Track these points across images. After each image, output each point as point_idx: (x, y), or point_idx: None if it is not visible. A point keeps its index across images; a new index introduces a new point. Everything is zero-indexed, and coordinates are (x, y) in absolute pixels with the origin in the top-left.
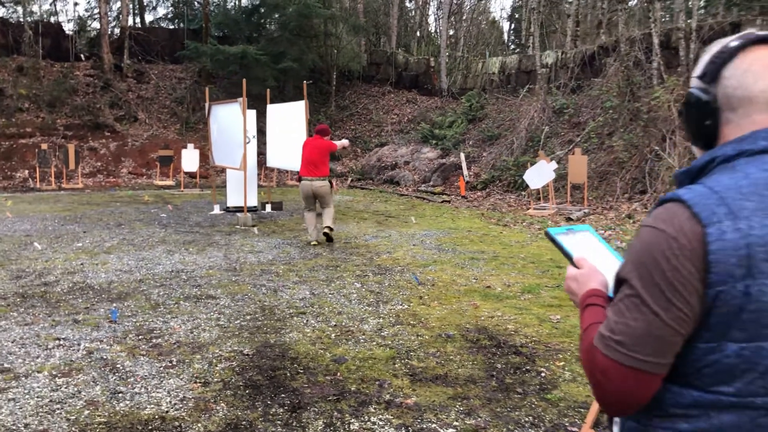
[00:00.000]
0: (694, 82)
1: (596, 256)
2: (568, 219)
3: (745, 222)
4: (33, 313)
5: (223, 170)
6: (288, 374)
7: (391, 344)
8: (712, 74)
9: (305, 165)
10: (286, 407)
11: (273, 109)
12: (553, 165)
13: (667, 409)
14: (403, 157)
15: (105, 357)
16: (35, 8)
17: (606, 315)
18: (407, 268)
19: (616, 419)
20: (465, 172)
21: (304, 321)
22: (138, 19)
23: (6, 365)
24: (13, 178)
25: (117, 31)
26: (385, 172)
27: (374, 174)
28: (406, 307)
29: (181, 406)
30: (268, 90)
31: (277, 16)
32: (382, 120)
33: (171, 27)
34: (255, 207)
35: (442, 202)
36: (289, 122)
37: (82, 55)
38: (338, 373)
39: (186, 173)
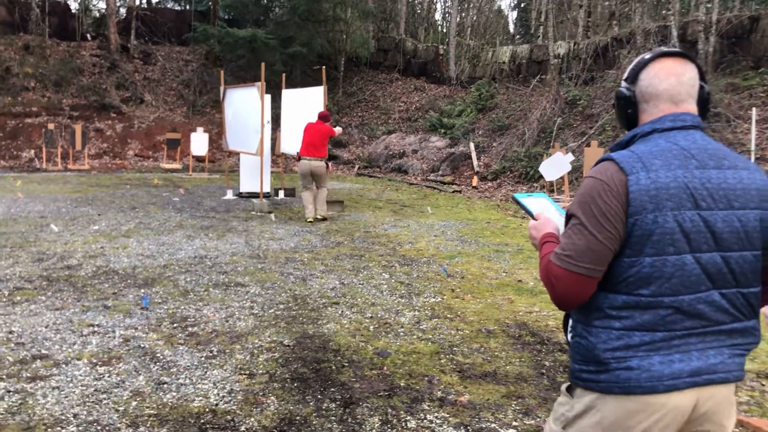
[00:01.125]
0: (622, 84)
1: (550, 213)
2: None
3: (654, 173)
4: (61, 298)
5: (230, 155)
6: (333, 367)
7: (433, 338)
8: (633, 77)
9: (306, 146)
10: (338, 402)
11: (289, 95)
12: (570, 157)
13: (604, 310)
14: (411, 146)
15: (143, 345)
16: None
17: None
18: (433, 259)
19: (570, 326)
20: (475, 162)
21: (339, 312)
22: (144, 0)
23: (44, 351)
24: (19, 158)
25: (123, 11)
26: (392, 160)
27: (382, 162)
28: (439, 299)
29: (230, 399)
30: (284, 75)
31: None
32: (389, 107)
33: (178, 8)
34: (268, 193)
35: (453, 192)
36: (306, 108)
37: (88, 35)
38: (384, 367)
39: (194, 157)
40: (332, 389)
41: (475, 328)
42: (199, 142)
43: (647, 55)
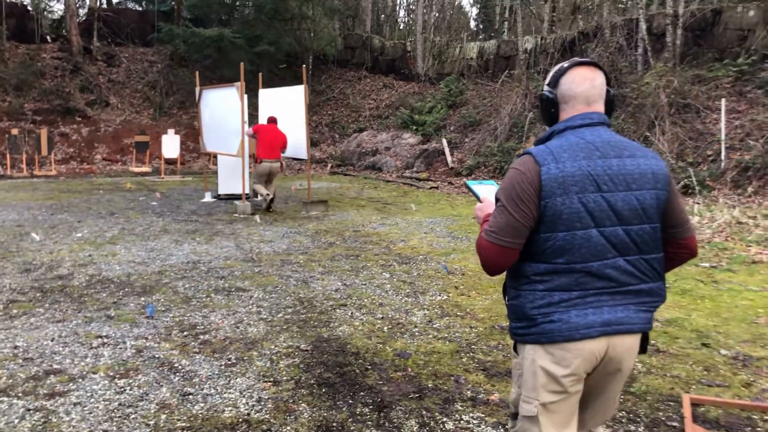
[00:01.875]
0: (545, 87)
1: (493, 198)
2: None
3: (562, 164)
4: (60, 309)
5: (200, 157)
6: (357, 371)
7: (449, 337)
8: (554, 82)
9: (268, 149)
10: (370, 406)
11: (266, 94)
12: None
13: (530, 277)
14: (383, 143)
15: (157, 356)
16: None
17: None
18: (429, 257)
19: (508, 293)
20: (448, 158)
21: (349, 313)
22: (104, 0)
23: (55, 366)
24: None
25: (82, 12)
26: (366, 158)
27: (355, 160)
28: (445, 297)
29: (260, 407)
30: (260, 74)
31: None
32: (359, 105)
33: (140, 9)
34: (247, 195)
35: (431, 188)
36: (285, 107)
37: (48, 37)
38: (408, 369)
39: (166, 159)
40: (361, 393)
41: (488, 325)
42: (170, 144)
43: (565, 64)
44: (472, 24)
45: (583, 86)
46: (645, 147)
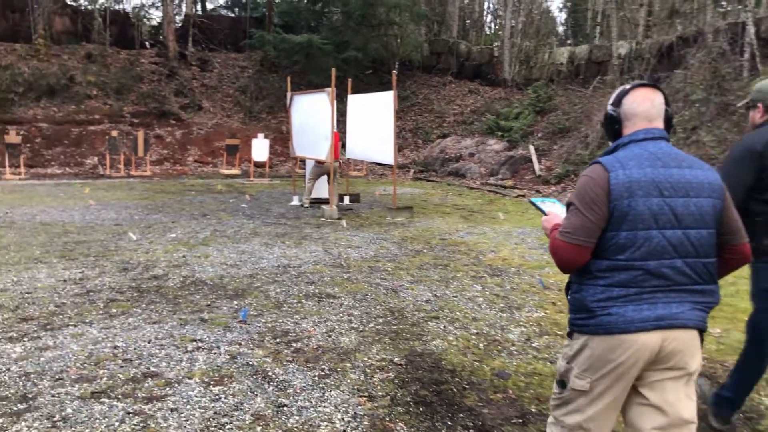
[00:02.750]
0: (609, 107)
1: (557, 211)
2: None
3: (629, 171)
4: (156, 310)
5: (287, 160)
6: (454, 390)
7: (550, 358)
8: (618, 102)
9: (337, 150)
10: (471, 430)
11: (355, 100)
12: None
13: (592, 272)
14: (467, 149)
15: (251, 363)
16: None
17: None
18: (522, 269)
19: (571, 288)
20: (536, 165)
21: (441, 327)
22: (199, 7)
23: (152, 369)
24: (83, 165)
25: (178, 19)
26: (449, 164)
27: (438, 166)
28: (542, 314)
29: (356, 424)
30: (349, 80)
31: (340, 4)
32: (443, 111)
33: (233, 15)
34: (326, 199)
35: (518, 196)
36: (374, 113)
37: (147, 43)
38: (508, 390)
39: (255, 163)
40: (460, 415)
41: None
42: (259, 148)
43: (627, 86)
44: (560, 29)
45: (644, 105)
46: (698, 160)
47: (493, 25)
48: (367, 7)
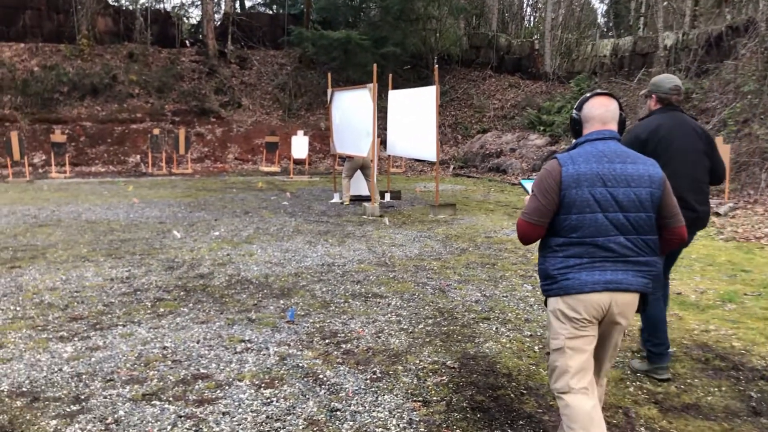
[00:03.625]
0: (573, 111)
1: None
2: (716, 214)
3: (577, 166)
4: (203, 310)
5: (326, 157)
6: (512, 395)
7: None
8: (580, 107)
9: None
10: None
11: (396, 95)
12: None
13: (552, 247)
14: (508, 145)
15: (301, 365)
16: None
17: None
18: None
19: (538, 260)
20: None
21: (493, 328)
22: (238, 5)
23: (202, 370)
24: (125, 163)
25: (217, 17)
26: (489, 159)
27: (478, 161)
28: None
29: (412, 431)
30: (390, 75)
31: None
32: (483, 105)
33: (270, 12)
34: (367, 197)
35: None
36: (415, 108)
37: (187, 42)
38: None
39: (294, 160)
40: (520, 422)
41: None
42: (299, 145)
43: (588, 95)
44: (600, 20)
45: (600, 110)
46: (643, 156)
47: (532, 17)
48: (405, 1)
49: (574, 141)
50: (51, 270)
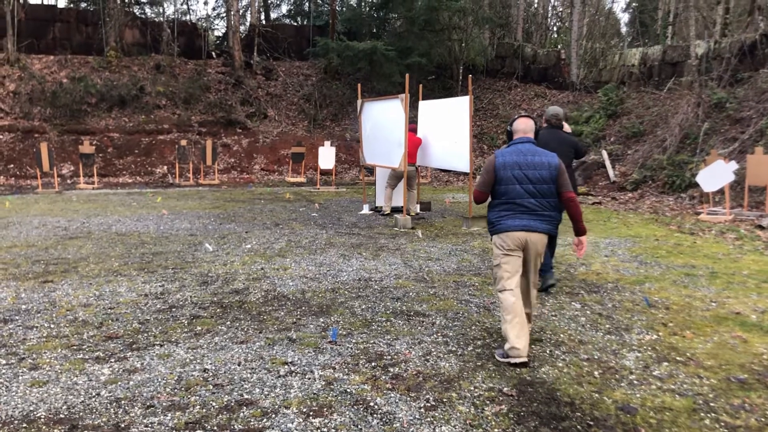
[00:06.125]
0: (508, 126)
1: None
2: (759, 227)
3: (505, 157)
4: (242, 328)
5: (351, 168)
6: (578, 427)
7: (678, 390)
8: (511, 124)
9: (409, 155)
10: None
11: (427, 105)
12: (733, 165)
13: (493, 204)
14: None
15: (349, 390)
16: (169, 8)
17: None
18: (620, 285)
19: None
20: (610, 171)
21: (548, 351)
22: (263, 17)
23: (245, 396)
24: (153, 174)
25: (242, 28)
26: None
27: None
28: (655, 337)
29: None
30: (420, 86)
31: (404, 9)
32: (509, 115)
33: (296, 24)
34: (401, 207)
35: (594, 203)
36: (448, 119)
37: (213, 53)
38: (640, 429)
39: (321, 170)
40: None
41: (720, 377)
42: (326, 156)
43: (515, 116)
44: (623, 30)
45: (522, 126)
46: (547, 151)
47: (556, 27)
48: (430, 12)
49: (508, 143)
50: (84, 285)
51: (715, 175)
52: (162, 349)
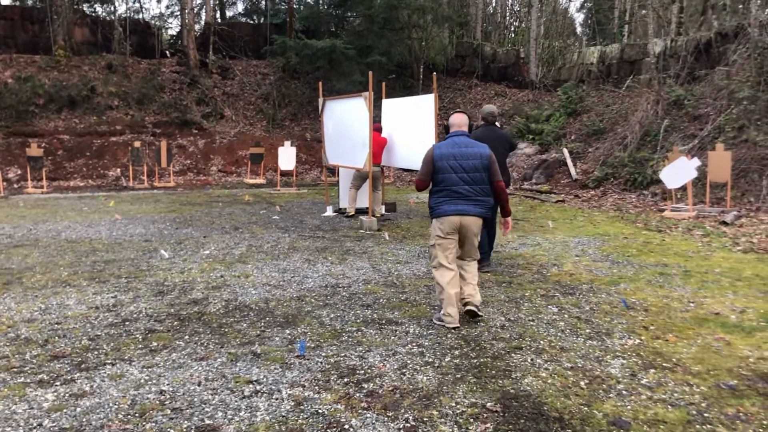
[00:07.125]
0: (445, 121)
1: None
2: (723, 223)
3: (442, 149)
4: (201, 343)
5: (312, 168)
6: None
7: (669, 399)
8: (448, 118)
9: (374, 155)
10: None
11: (391, 104)
12: (696, 162)
13: (432, 191)
14: None
15: (321, 411)
16: (121, 6)
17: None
18: (595, 286)
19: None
20: (572, 169)
21: (529, 360)
22: (218, 15)
23: (207, 420)
24: (105, 177)
25: (197, 27)
26: None
27: None
28: (638, 341)
29: None
30: (383, 84)
31: (363, 8)
32: (470, 114)
33: (252, 22)
34: (365, 209)
35: (557, 202)
36: (411, 117)
37: (167, 52)
38: None
39: (281, 171)
40: None
41: (710, 384)
42: (287, 156)
43: (452, 112)
44: (578, 29)
45: (457, 120)
46: (479, 143)
47: (514, 26)
48: (390, 10)
49: (446, 136)
50: (28, 298)
51: (679, 171)
52: (114, 369)
